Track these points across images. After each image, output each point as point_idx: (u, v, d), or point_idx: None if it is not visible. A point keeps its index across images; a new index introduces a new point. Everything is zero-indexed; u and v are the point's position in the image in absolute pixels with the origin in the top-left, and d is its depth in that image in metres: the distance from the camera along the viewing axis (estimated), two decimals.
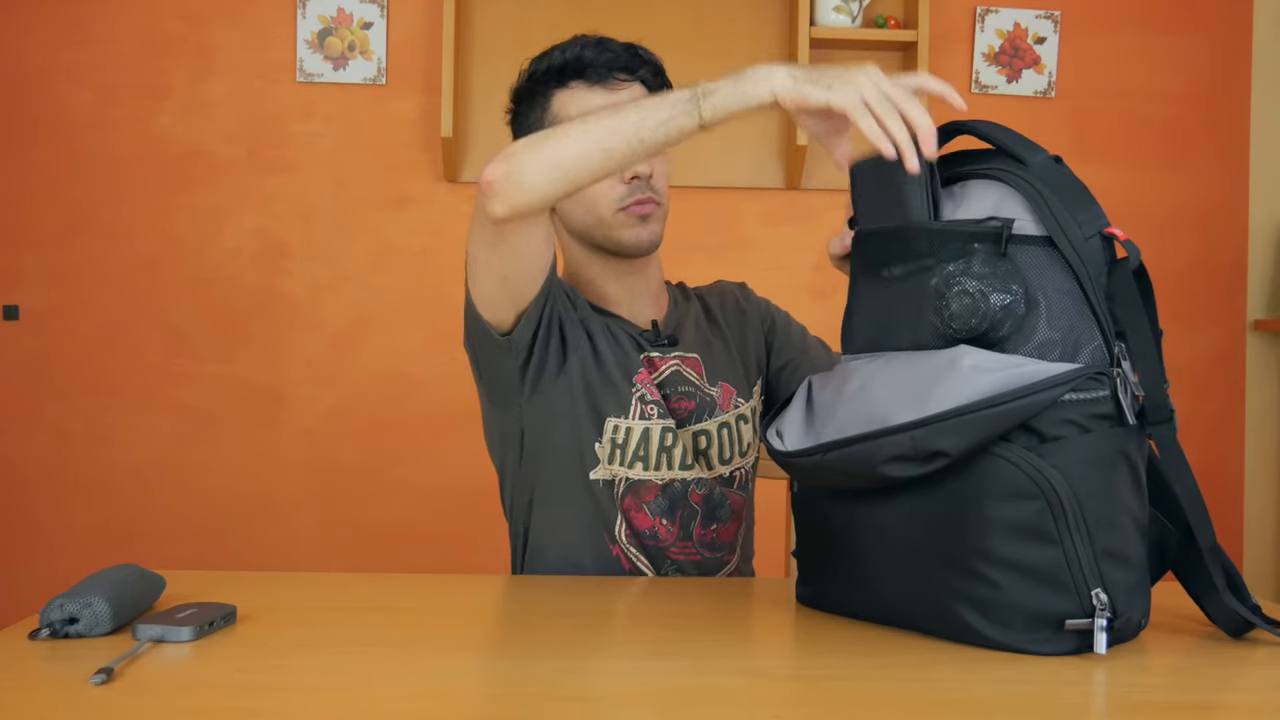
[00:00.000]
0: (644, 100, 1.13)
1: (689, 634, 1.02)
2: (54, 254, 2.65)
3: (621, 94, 1.32)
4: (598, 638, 1.01)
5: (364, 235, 2.69)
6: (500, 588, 1.25)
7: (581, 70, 1.33)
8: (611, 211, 1.33)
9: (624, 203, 1.33)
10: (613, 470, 1.33)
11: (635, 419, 1.33)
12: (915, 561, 0.96)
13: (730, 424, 1.39)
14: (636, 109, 1.11)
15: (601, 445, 1.33)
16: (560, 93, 1.34)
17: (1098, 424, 0.91)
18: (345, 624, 1.07)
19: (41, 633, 0.93)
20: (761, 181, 2.74)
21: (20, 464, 2.65)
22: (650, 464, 1.33)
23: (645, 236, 1.35)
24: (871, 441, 0.94)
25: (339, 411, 2.68)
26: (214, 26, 2.66)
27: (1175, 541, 1.00)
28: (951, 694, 0.84)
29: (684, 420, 1.36)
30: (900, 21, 2.71)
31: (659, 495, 1.34)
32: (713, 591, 1.22)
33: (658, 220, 1.36)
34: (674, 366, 1.38)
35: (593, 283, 1.40)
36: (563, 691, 0.85)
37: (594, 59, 1.33)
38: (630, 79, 1.34)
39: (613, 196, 1.33)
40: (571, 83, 1.34)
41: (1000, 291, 0.94)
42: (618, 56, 1.33)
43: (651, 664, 0.93)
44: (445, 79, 2.53)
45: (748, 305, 1.51)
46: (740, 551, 1.41)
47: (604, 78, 1.33)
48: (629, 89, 1.34)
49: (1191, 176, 2.85)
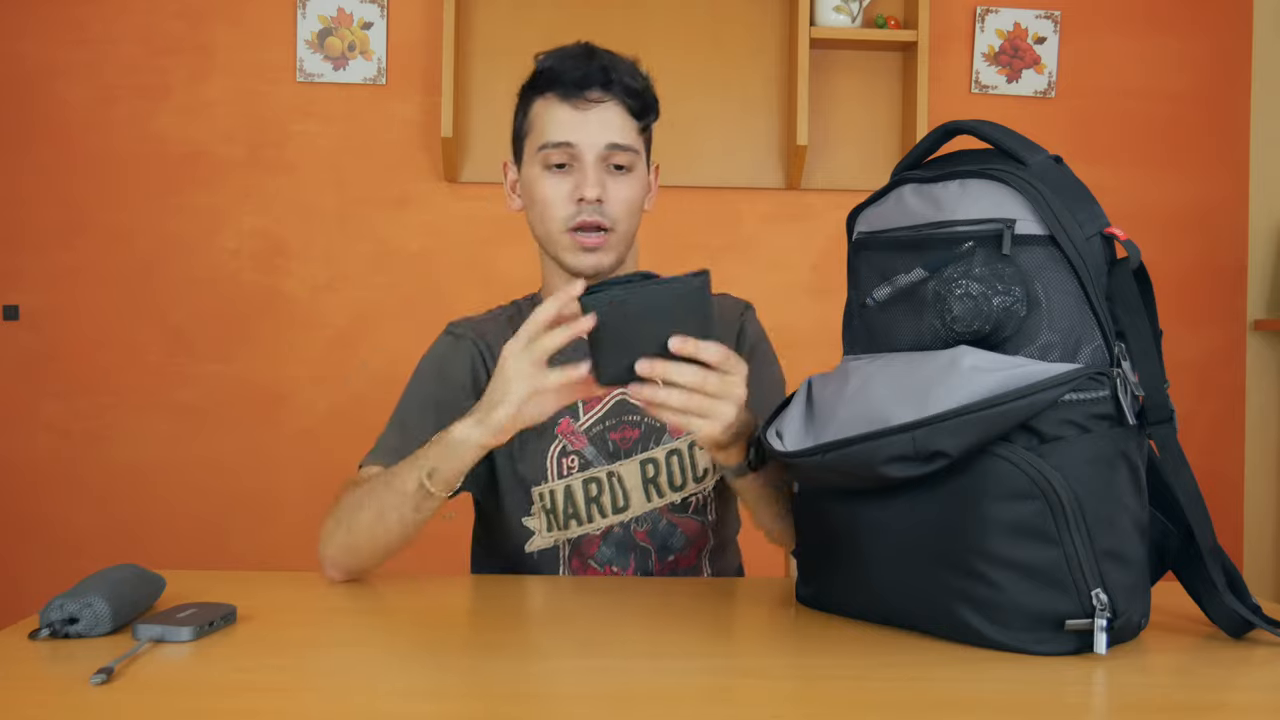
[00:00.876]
0: (394, 478, 1.16)
1: (689, 634, 1.02)
2: (54, 254, 2.65)
3: (593, 112, 1.29)
4: (598, 638, 1.01)
5: (364, 235, 2.69)
6: (501, 588, 1.25)
7: (553, 83, 1.31)
8: (559, 230, 1.31)
9: (570, 223, 1.30)
10: (553, 537, 1.34)
11: (555, 479, 1.33)
12: (915, 561, 0.96)
13: (681, 450, 1.36)
14: (388, 490, 1.16)
15: (532, 516, 1.33)
16: (538, 101, 1.33)
17: (1098, 424, 0.91)
18: (345, 624, 1.07)
19: (41, 633, 0.93)
20: (761, 181, 2.74)
21: (20, 464, 2.65)
22: (583, 518, 1.33)
23: (589, 265, 1.31)
24: (872, 441, 0.94)
25: (339, 411, 2.68)
26: (214, 26, 2.66)
27: (1175, 541, 1.00)
28: (951, 694, 0.84)
29: (630, 450, 1.35)
30: (900, 21, 2.71)
31: (602, 545, 1.34)
32: (713, 591, 1.22)
33: (610, 249, 1.32)
34: (619, 395, 1.35)
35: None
36: (563, 691, 0.85)
37: (565, 73, 1.30)
38: (605, 96, 1.30)
39: (561, 214, 1.31)
40: (547, 93, 1.32)
41: (1002, 293, 0.94)
42: (588, 75, 1.29)
43: (652, 664, 0.93)
44: (445, 79, 2.53)
45: (731, 328, 1.43)
46: (711, 569, 1.39)
47: (573, 94, 1.30)
48: (601, 107, 1.30)
49: (1191, 176, 2.85)
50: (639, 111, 1.33)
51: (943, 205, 0.99)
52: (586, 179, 1.29)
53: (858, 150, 2.76)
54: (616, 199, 1.31)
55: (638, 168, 1.34)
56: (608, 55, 1.32)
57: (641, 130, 1.34)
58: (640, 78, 1.33)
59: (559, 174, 1.31)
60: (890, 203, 1.04)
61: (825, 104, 2.74)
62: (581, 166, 1.30)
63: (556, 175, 1.31)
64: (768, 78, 2.73)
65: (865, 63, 2.76)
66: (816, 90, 2.71)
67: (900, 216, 1.03)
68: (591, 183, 1.29)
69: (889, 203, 1.05)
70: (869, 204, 1.08)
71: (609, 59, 1.31)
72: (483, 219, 2.68)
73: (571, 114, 1.30)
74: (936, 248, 0.98)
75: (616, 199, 1.31)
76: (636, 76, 1.33)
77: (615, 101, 1.31)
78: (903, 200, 1.03)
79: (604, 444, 1.34)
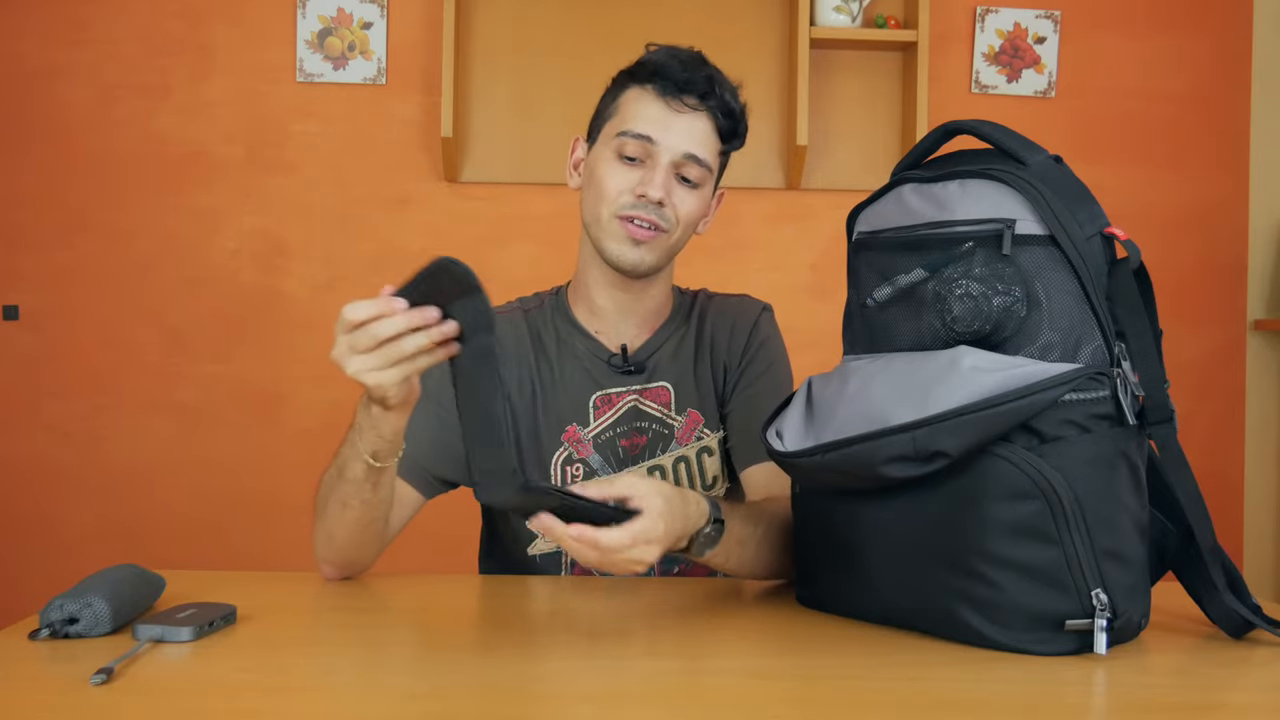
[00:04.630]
0: (344, 468, 1.14)
1: (689, 634, 1.02)
2: (54, 254, 2.65)
3: (683, 117, 1.28)
4: (598, 638, 1.01)
5: (364, 235, 2.68)
6: (500, 588, 1.25)
7: (656, 75, 1.28)
8: (610, 213, 1.29)
9: (624, 211, 1.28)
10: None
11: None
12: (915, 562, 0.96)
13: (689, 457, 1.35)
14: (341, 480, 1.14)
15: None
16: (633, 88, 1.31)
17: (1098, 424, 0.91)
18: (345, 624, 1.07)
19: (41, 633, 0.93)
20: (761, 181, 2.74)
21: (20, 464, 2.65)
22: None
23: (630, 258, 1.29)
24: (872, 442, 0.94)
25: (339, 411, 2.68)
26: (214, 26, 2.66)
27: (1175, 541, 1.00)
28: (951, 694, 0.84)
29: (637, 456, 1.34)
30: (900, 21, 2.71)
31: None
32: (713, 591, 1.22)
33: (656, 249, 1.29)
34: (631, 402, 1.35)
35: (588, 287, 1.37)
36: (563, 691, 0.85)
37: (672, 71, 1.27)
38: (701, 105, 1.28)
39: (618, 201, 1.28)
40: (646, 84, 1.29)
41: (1002, 293, 0.94)
42: (693, 79, 1.27)
43: (652, 664, 0.93)
44: (445, 79, 2.53)
45: (744, 329, 1.41)
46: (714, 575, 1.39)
47: (671, 93, 1.27)
48: (693, 115, 1.28)
49: (1192, 176, 2.85)
50: (727, 133, 1.31)
51: (943, 205, 0.99)
52: (654, 179, 1.27)
53: (858, 150, 2.76)
54: (679, 207, 1.29)
55: (705, 186, 1.31)
56: (716, 69, 1.30)
57: (722, 151, 1.33)
58: (738, 100, 1.31)
59: (628, 165, 1.28)
60: (890, 203, 1.04)
61: (825, 104, 2.74)
62: (653, 165, 1.27)
63: (625, 166, 1.28)
64: (768, 78, 2.73)
65: (865, 63, 2.76)
66: (816, 90, 2.71)
67: (900, 216, 1.03)
68: (658, 184, 1.26)
69: (889, 203, 1.05)
70: (869, 204, 1.08)
71: (717, 73, 1.30)
72: (483, 219, 2.68)
73: (663, 111, 1.28)
74: (936, 248, 0.98)
75: (679, 207, 1.29)
76: (737, 98, 1.31)
77: (708, 114, 1.29)
78: (903, 200, 1.03)
79: (612, 451, 1.34)
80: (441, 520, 1.72)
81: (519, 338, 1.36)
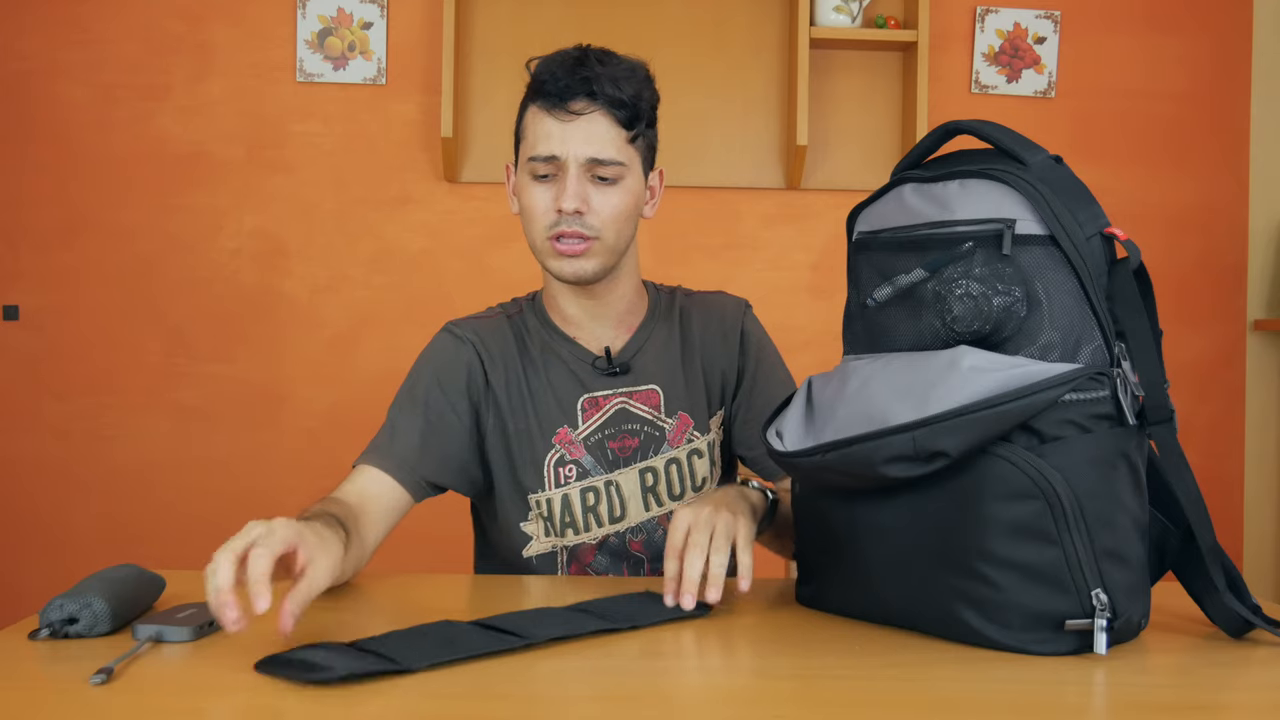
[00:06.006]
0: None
1: (689, 634, 1.02)
2: (54, 254, 2.65)
3: (575, 124, 1.25)
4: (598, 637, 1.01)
5: (364, 235, 2.69)
6: (499, 587, 1.25)
7: (538, 93, 1.28)
8: (541, 237, 1.29)
9: (552, 230, 1.28)
10: (550, 542, 1.34)
11: (552, 488, 1.33)
12: (915, 562, 0.96)
13: (680, 459, 1.36)
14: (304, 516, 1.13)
15: (530, 522, 1.34)
16: (530, 109, 1.31)
17: (1098, 424, 0.91)
18: (343, 624, 1.07)
19: (41, 633, 0.93)
20: (761, 181, 2.74)
21: (20, 464, 2.65)
22: (580, 528, 1.33)
23: (569, 272, 1.29)
24: (872, 441, 0.94)
25: (339, 411, 2.68)
26: (214, 26, 2.66)
27: (1175, 541, 1.00)
28: (951, 694, 0.84)
29: (629, 459, 1.35)
30: (900, 21, 2.71)
31: (597, 554, 1.34)
32: None
33: (592, 257, 1.29)
34: (619, 404, 1.35)
35: (555, 298, 1.38)
36: (563, 691, 0.85)
37: (549, 84, 1.26)
38: (590, 107, 1.26)
39: (544, 221, 1.28)
40: (535, 103, 1.29)
41: (1002, 293, 0.94)
42: (571, 86, 1.25)
43: (651, 663, 0.93)
44: (445, 79, 2.53)
45: (734, 331, 1.42)
46: None
47: (556, 106, 1.26)
48: (586, 119, 1.26)
49: (1192, 176, 2.85)
50: (627, 121, 1.28)
51: (943, 205, 0.99)
52: (565, 191, 1.26)
53: (858, 150, 2.76)
54: (600, 209, 1.28)
55: (626, 178, 1.29)
56: (597, 63, 1.27)
57: (631, 139, 1.30)
58: (630, 85, 1.28)
59: (544, 184, 1.29)
60: (890, 202, 1.04)
61: (825, 104, 2.74)
62: (564, 178, 1.27)
63: (541, 185, 1.29)
64: (768, 78, 2.73)
65: (865, 63, 2.76)
66: (816, 90, 2.71)
67: (900, 216, 1.03)
68: (570, 195, 1.26)
69: (889, 202, 1.05)
70: (869, 204, 1.08)
71: (597, 68, 1.27)
72: (483, 219, 2.68)
73: (555, 126, 1.26)
74: (936, 248, 0.98)
75: (600, 209, 1.28)
76: (626, 85, 1.27)
77: (601, 113, 1.26)
78: (903, 200, 1.03)
79: (603, 453, 1.34)
80: (437, 521, 1.73)
81: (504, 342, 1.37)
